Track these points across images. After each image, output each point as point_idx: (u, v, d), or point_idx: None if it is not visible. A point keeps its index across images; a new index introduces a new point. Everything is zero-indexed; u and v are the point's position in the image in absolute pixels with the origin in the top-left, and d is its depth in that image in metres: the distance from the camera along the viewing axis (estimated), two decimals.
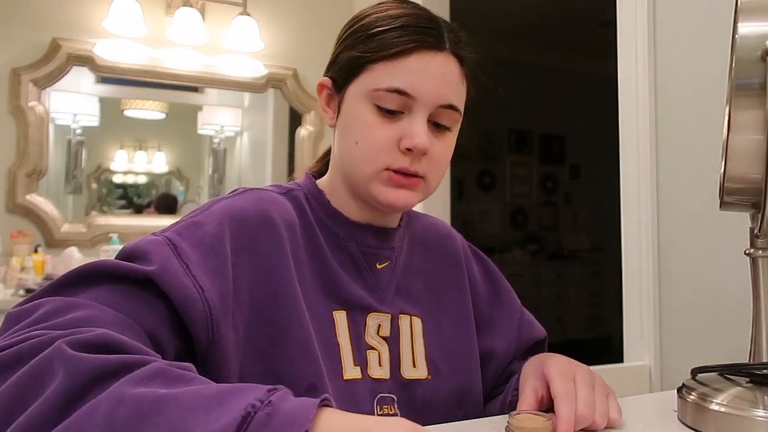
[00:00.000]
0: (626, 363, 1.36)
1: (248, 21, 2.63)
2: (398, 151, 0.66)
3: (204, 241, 0.59)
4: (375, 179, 0.67)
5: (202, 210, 0.64)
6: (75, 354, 0.41)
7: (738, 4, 0.60)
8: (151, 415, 0.38)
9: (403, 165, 0.66)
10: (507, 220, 5.60)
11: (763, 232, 0.61)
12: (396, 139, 0.66)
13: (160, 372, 0.42)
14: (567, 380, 0.61)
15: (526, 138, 5.66)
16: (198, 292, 0.54)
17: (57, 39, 2.40)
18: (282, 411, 0.39)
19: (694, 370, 0.64)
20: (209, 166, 2.80)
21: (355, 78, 0.68)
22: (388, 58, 0.66)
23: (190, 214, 0.64)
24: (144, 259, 0.55)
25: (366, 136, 0.67)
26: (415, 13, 0.69)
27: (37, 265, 2.13)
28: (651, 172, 1.35)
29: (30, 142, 2.34)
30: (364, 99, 0.67)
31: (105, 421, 0.38)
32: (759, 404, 0.54)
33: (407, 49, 0.66)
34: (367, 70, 0.67)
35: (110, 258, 0.57)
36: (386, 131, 0.66)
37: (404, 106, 0.66)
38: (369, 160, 0.67)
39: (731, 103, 0.59)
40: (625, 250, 1.41)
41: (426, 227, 0.84)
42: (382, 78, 0.66)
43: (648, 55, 1.36)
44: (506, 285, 0.87)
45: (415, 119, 0.66)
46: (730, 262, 1.16)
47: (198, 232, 0.60)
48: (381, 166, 0.67)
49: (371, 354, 0.69)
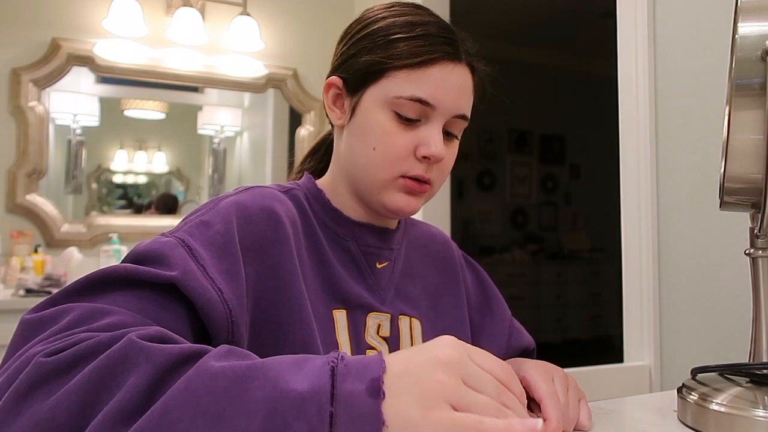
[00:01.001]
0: (626, 363, 1.36)
1: (248, 21, 2.63)
2: (414, 158, 0.68)
3: (216, 242, 0.59)
4: (390, 186, 0.69)
5: (209, 209, 0.63)
6: (151, 344, 0.42)
7: (738, 4, 0.60)
8: (248, 380, 0.40)
9: (418, 172, 0.68)
10: (507, 220, 5.60)
11: (763, 232, 0.61)
12: (413, 147, 0.67)
13: (232, 351, 0.44)
14: (549, 382, 0.60)
15: (526, 138, 5.66)
16: (218, 294, 0.54)
17: (57, 39, 2.40)
18: (354, 362, 0.43)
19: (694, 370, 0.64)
20: (209, 166, 2.80)
21: (373, 83, 0.68)
22: (412, 67, 0.66)
23: (196, 212, 0.63)
24: (162, 263, 0.54)
25: (384, 143, 0.67)
26: (434, 21, 0.70)
27: (37, 265, 2.13)
28: (651, 172, 1.35)
29: (30, 142, 2.34)
30: (383, 105, 0.68)
31: (206, 392, 0.40)
32: (759, 404, 0.54)
33: (431, 59, 0.67)
34: (388, 77, 0.67)
35: (111, 257, 0.56)
36: (404, 139, 0.67)
37: (423, 114, 0.67)
38: (386, 166, 0.68)
39: (731, 103, 0.59)
40: (625, 250, 1.41)
41: (424, 234, 0.85)
42: (404, 86, 0.66)
43: (648, 55, 1.36)
44: (497, 293, 0.88)
45: (433, 128, 0.68)
46: (730, 262, 1.16)
47: (208, 232, 0.59)
48: (397, 174, 0.68)
49: (370, 354, 0.69)
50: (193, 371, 0.41)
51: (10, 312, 1.82)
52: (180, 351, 0.42)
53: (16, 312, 1.82)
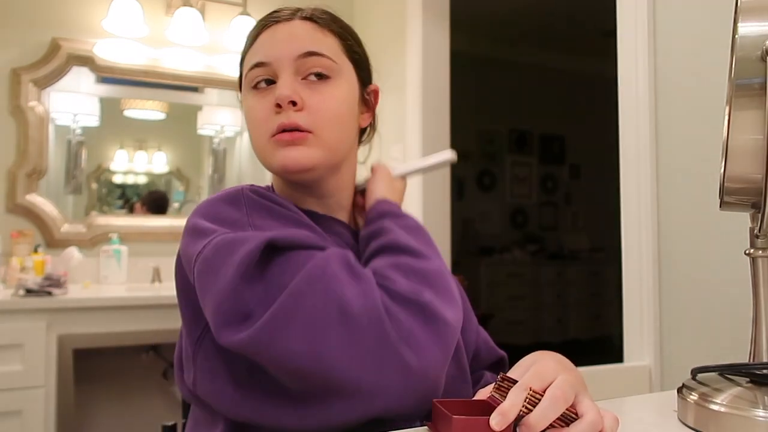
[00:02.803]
0: (626, 363, 1.36)
1: (248, 21, 2.63)
2: (273, 115, 0.69)
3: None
4: (268, 150, 0.70)
5: (199, 249, 0.61)
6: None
7: (738, 4, 0.60)
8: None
9: (281, 122, 0.68)
10: (507, 220, 5.60)
11: (763, 232, 0.61)
12: (272, 106, 0.69)
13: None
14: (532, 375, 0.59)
15: (526, 138, 5.66)
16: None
17: (57, 39, 2.40)
18: None
19: (694, 370, 0.64)
20: (209, 166, 2.80)
21: (241, 81, 0.76)
22: (248, 49, 0.74)
23: (192, 249, 0.63)
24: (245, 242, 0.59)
25: (252, 115, 0.72)
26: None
27: (37, 265, 2.13)
28: (651, 172, 1.35)
29: (30, 142, 2.34)
30: (247, 91, 0.73)
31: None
32: (759, 404, 0.54)
33: (256, 34, 0.74)
34: (244, 66, 0.74)
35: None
36: (264, 103, 0.70)
37: (271, 75, 0.70)
38: (260, 133, 0.70)
39: (731, 103, 0.59)
40: (625, 250, 1.41)
41: None
42: (249, 61, 0.72)
43: (648, 56, 1.36)
44: (466, 300, 0.86)
45: (282, 78, 0.70)
46: (730, 262, 1.16)
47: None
48: (268, 135, 0.69)
49: None
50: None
51: (10, 312, 1.82)
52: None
53: (16, 312, 1.82)
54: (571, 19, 4.48)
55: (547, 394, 0.49)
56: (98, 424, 2.28)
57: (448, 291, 0.62)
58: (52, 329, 1.86)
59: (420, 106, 2.35)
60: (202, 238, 0.62)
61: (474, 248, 5.26)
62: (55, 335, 1.86)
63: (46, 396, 1.82)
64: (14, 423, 1.78)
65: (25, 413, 1.79)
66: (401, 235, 0.67)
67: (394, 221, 0.70)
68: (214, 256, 0.59)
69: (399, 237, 0.67)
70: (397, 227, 0.69)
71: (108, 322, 1.94)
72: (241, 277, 0.55)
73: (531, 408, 0.49)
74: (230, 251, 0.57)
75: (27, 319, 1.83)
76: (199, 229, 0.63)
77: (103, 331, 1.93)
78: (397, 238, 0.66)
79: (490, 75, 5.12)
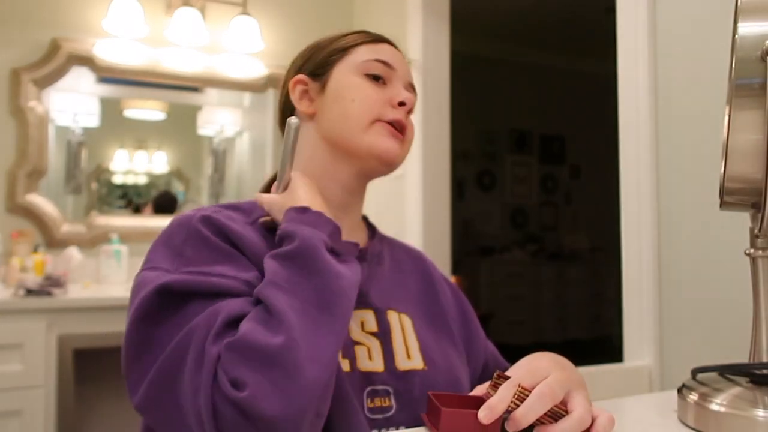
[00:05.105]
0: (626, 363, 1.36)
1: (248, 21, 2.63)
2: (389, 107, 0.75)
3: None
4: (371, 129, 0.74)
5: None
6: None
7: (738, 4, 0.60)
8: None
9: (396, 116, 0.75)
10: (507, 220, 5.60)
11: (763, 232, 0.61)
12: (385, 99, 0.75)
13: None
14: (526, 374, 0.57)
15: (526, 138, 5.66)
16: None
17: (57, 39, 2.40)
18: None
19: (694, 370, 0.64)
20: (209, 166, 2.80)
21: (339, 60, 0.77)
22: (368, 43, 0.78)
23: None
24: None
25: (360, 93, 0.75)
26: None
27: (37, 265, 2.13)
28: (651, 172, 1.35)
29: (30, 142, 2.34)
30: (352, 71, 0.76)
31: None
32: (759, 404, 0.54)
33: (380, 39, 0.80)
34: (351, 52, 0.77)
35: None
36: (378, 92, 0.75)
37: (386, 75, 0.77)
38: (365, 109, 0.74)
39: (731, 103, 0.59)
40: (625, 250, 1.41)
41: (402, 248, 0.87)
42: (368, 54, 0.77)
43: (648, 55, 1.36)
44: (474, 314, 0.88)
45: (398, 84, 0.77)
46: (730, 262, 1.16)
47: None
48: (375, 116, 0.74)
49: (359, 348, 0.69)
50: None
51: (10, 312, 1.82)
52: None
53: (16, 312, 1.82)
54: (570, 14, 4.47)
55: (535, 390, 0.52)
56: (98, 424, 2.28)
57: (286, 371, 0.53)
58: (52, 329, 1.86)
59: (420, 106, 2.35)
60: (145, 264, 0.68)
61: (474, 248, 5.26)
62: (55, 335, 1.86)
63: (46, 396, 1.82)
64: (14, 423, 1.78)
65: (25, 413, 1.79)
66: (269, 283, 0.60)
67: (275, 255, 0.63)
68: (131, 293, 0.65)
69: (266, 290, 0.59)
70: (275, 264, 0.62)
71: (108, 322, 1.94)
72: (140, 321, 0.60)
73: (519, 403, 0.51)
74: (136, 293, 0.63)
75: (27, 319, 1.83)
76: (150, 253, 0.68)
77: (103, 331, 1.93)
78: (265, 293, 0.59)
79: (490, 75, 5.13)
